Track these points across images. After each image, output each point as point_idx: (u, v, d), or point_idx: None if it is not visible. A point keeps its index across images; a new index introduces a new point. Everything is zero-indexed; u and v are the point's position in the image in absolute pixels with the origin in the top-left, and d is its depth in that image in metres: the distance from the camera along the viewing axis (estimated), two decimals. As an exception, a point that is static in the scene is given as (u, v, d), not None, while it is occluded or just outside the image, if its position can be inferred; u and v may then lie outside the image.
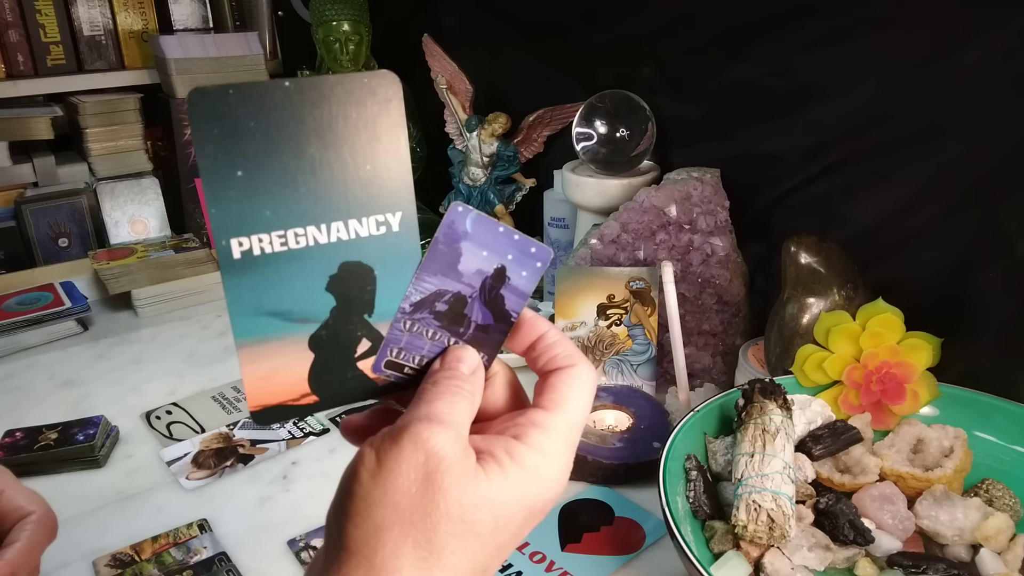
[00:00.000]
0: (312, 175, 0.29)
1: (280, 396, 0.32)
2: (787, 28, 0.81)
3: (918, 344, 0.65)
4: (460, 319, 0.33)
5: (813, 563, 0.56)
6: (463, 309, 0.33)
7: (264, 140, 0.28)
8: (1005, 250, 0.68)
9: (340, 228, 0.30)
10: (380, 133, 0.30)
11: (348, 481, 0.29)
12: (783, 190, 0.86)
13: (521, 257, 0.32)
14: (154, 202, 1.39)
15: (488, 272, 0.32)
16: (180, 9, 1.48)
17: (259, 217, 0.29)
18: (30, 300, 1.10)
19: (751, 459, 0.57)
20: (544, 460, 0.30)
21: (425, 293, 0.32)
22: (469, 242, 0.32)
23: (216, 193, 0.28)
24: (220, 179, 0.28)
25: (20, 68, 1.34)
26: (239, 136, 0.28)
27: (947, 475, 0.60)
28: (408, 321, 0.32)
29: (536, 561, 0.64)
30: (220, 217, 0.29)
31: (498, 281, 0.32)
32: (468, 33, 1.21)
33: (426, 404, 0.30)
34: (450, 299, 0.32)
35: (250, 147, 0.28)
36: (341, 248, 0.31)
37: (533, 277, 0.32)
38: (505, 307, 0.33)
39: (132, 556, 0.65)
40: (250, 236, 0.29)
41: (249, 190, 0.29)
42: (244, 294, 0.30)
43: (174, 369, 0.98)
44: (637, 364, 0.86)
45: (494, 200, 1.17)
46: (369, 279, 0.31)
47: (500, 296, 0.33)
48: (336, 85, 0.29)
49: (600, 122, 0.95)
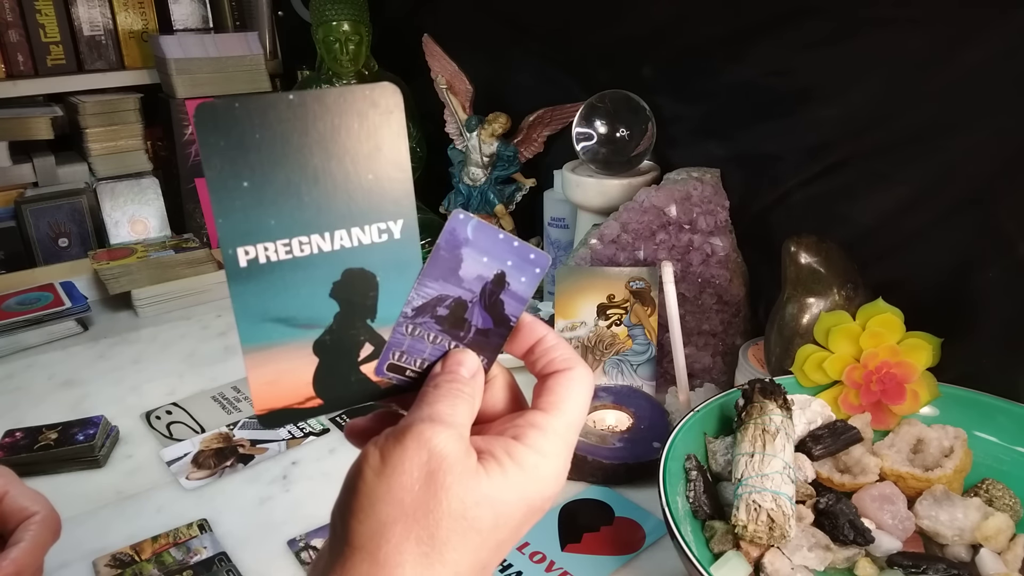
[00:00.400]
0: (316, 185, 0.30)
1: (285, 400, 0.33)
2: (787, 28, 0.81)
3: (918, 344, 0.65)
4: (461, 323, 0.33)
5: (813, 563, 0.56)
6: (464, 314, 0.33)
7: (269, 152, 0.29)
8: (1005, 250, 0.68)
9: (343, 236, 0.31)
10: (382, 143, 0.31)
11: (353, 479, 0.30)
12: (783, 190, 0.86)
13: (520, 263, 0.33)
14: (154, 202, 1.39)
15: (488, 278, 0.33)
16: (180, 9, 1.48)
17: (264, 226, 0.30)
18: (30, 300, 1.10)
19: (751, 459, 0.57)
20: (543, 460, 0.31)
21: (427, 298, 0.33)
22: (470, 248, 0.33)
23: (223, 203, 0.29)
24: (226, 190, 0.29)
25: (20, 68, 1.35)
26: (245, 148, 0.29)
27: (947, 475, 0.60)
28: (410, 325, 0.33)
29: (536, 561, 0.64)
30: (226, 227, 0.29)
31: (498, 286, 0.33)
32: (468, 33, 1.21)
33: (428, 406, 0.31)
34: (451, 304, 0.33)
35: (255, 159, 0.29)
36: (344, 255, 0.31)
37: (532, 283, 0.33)
38: (504, 312, 0.34)
39: (132, 556, 0.65)
40: (256, 245, 0.30)
41: (255, 200, 0.30)
42: (250, 301, 0.31)
43: (174, 369, 0.98)
44: (637, 364, 0.86)
45: (494, 200, 1.17)
46: (372, 285, 0.32)
47: (500, 301, 0.33)
48: (338, 97, 0.30)
49: (600, 122, 0.95)
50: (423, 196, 1.30)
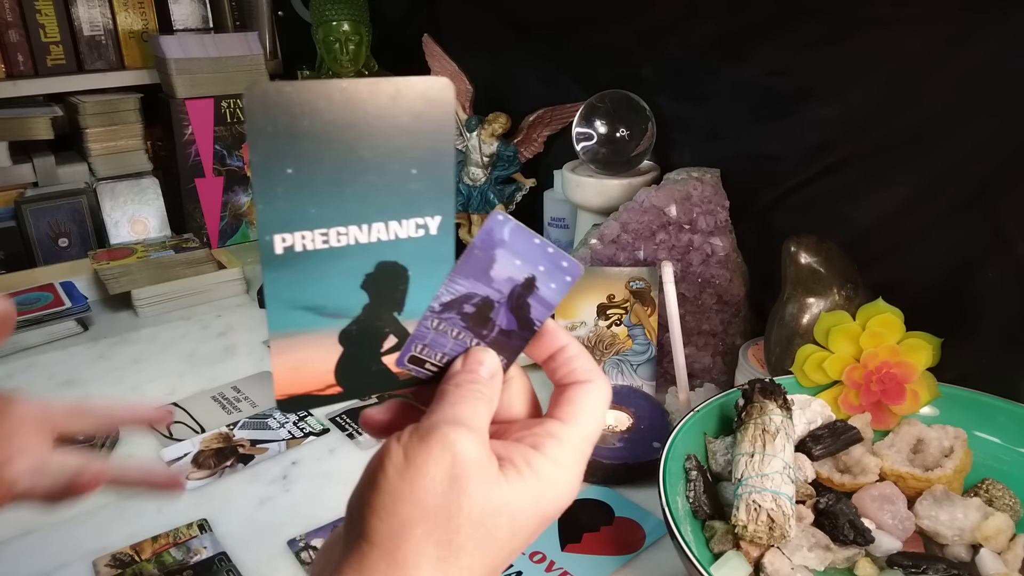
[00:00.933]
0: (360, 176, 0.30)
1: (306, 386, 0.33)
2: (787, 28, 0.81)
3: (918, 344, 0.65)
4: (485, 322, 0.34)
5: (813, 563, 0.56)
6: (489, 313, 0.34)
7: (317, 140, 0.29)
8: (1005, 250, 0.68)
9: (381, 229, 0.31)
10: (430, 138, 0.30)
11: (374, 474, 0.30)
12: (783, 190, 0.86)
13: (552, 270, 0.33)
14: (154, 202, 1.39)
15: (519, 280, 0.33)
16: (180, 9, 1.48)
17: (305, 215, 0.30)
18: (30, 300, 1.10)
19: (751, 459, 0.57)
20: (559, 470, 0.31)
21: (455, 295, 0.33)
22: (504, 250, 0.33)
23: (265, 189, 0.29)
24: (270, 175, 0.29)
25: (20, 68, 1.34)
26: (293, 135, 0.28)
27: (947, 475, 0.60)
28: (436, 320, 0.33)
29: (536, 561, 0.64)
30: (267, 212, 0.29)
31: (527, 290, 0.33)
32: (468, 33, 1.21)
33: (451, 406, 0.31)
34: (478, 302, 0.33)
35: (303, 146, 0.29)
36: (380, 248, 0.31)
37: (562, 290, 0.33)
38: (530, 315, 0.34)
39: (132, 556, 0.65)
40: (294, 233, 0.30)
41: (297, 187, 0.29)
42: (282, 289, 0.31)
43: (174, 369, 0.98)
44: (637, 364, 0.86)
45: (494, 200, 1.17)
46: (403, 278, 0.32)
47: (527, 304, 0.34)
48: (391, 88, 0.29)
49: (600, 122, 0.96)
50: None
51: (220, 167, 1.42)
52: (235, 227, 1.47)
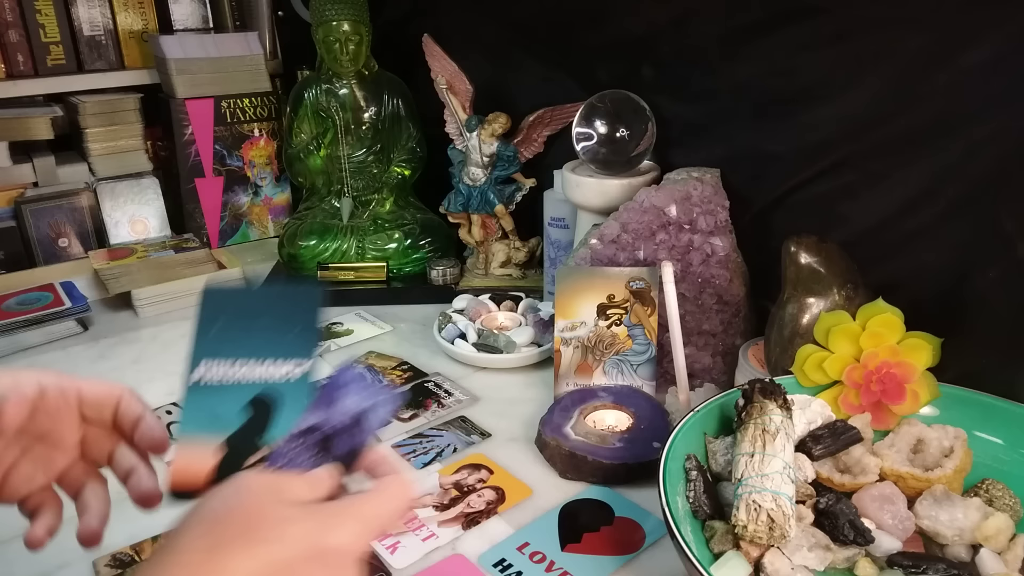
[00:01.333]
0: (261, 332, 0.48)
1: (193, 483, 0.46)
2: (787, 28, 0.81)
3: (918, 344, 0.65)
4: (328, 445, 0.43)
5: (813, 563, 0.56)
6: (332, 439, 0.43)
7: (238, 321, 0.48)
8: (1005, 250, 0.68)
9: (269, 366, 0.47)
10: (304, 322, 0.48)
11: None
12: (783, 190, 0.86)
13: (378, 406, 0.44)
14: (154, 202, 1.39)
15: (354, 412, 0.43)
16: (180, 9, 1.48)
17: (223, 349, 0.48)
18: (30, 300, 1.10)
19: (751, 459, 0.57)
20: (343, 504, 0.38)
21: (309, 423, 0.43)
22: (345, 391, 0.44)
23: (200, 348, 0.49)
24: (207, 341, 0.49)
25: (20, 68, 1.34)
26: (230, 322, 0.49)
27: (947, 475, 0.60)
28: (293, 443, 0.43)
29: (536, 561, 0.64)
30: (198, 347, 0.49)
31: (357, 421, 0.43)
32: (468, 33, 1.21)
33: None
34: (326, 430, 0.43)
35: (233, 324, 0.48)
36: (260, 384, 0.47)
37: (385, 419, 0.44)
38: (360, 439, 0.43)
39: (132, 556, 0.65)
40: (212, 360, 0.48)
41: (220, 335, 0.49)
42: (193, 405, 0.47)
43: (174, 369, 0.97)
44: (637, 364, 0.86)
45: (494, 200, 1.17)
46: (273, 409, 0.46)
47: (359, 431, 0.43)
48: (280, 293, 0.52)
49: (600, 122, 0.96)
50: (423, 196, 1.30)
51: (220, 167, 1.42)
52: (235, 227, 1.47)
